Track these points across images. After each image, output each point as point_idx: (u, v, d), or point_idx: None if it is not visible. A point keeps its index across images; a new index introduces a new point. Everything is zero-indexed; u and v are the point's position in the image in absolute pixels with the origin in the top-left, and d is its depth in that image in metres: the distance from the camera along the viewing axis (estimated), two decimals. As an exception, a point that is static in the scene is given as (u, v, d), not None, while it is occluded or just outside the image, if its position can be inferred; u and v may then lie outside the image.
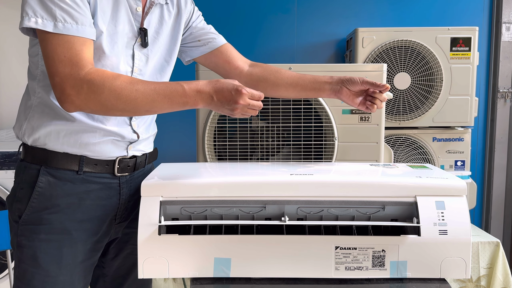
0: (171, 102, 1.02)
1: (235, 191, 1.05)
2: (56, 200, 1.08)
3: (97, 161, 1.12)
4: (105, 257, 1.24)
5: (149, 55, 1.16)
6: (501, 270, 1.87)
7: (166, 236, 1.01)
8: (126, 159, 1.17)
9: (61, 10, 0.97)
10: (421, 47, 2.06)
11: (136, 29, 1.12)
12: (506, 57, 2.56)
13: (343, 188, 1.05)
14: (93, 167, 1.12)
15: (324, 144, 1.53)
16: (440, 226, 1.01)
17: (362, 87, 1.22)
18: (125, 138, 1.15)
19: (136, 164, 1.19)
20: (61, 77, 0.98)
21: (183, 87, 1.03)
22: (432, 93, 2.09)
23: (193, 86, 1.03)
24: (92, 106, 1.01)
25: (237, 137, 1.53)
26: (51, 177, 1.09)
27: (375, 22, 2.53)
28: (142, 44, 1.14)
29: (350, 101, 1.25)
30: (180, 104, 1.03)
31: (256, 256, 1.02)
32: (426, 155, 2.13)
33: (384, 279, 1.04)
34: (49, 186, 1.09)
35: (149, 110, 1.04)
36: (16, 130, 1.14)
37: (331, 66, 1.56)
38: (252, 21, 2.52)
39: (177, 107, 1.04)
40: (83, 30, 1.00)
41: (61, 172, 1.09)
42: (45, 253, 1.08)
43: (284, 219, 1.02)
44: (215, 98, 1.03)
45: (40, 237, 1.07)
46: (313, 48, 2.57)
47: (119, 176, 1.16)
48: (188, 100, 1.02)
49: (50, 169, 1.09)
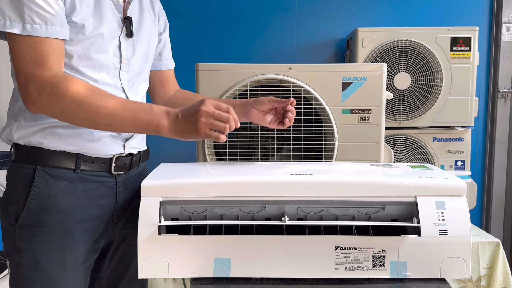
0: (135, 118, 1.00)
1: (235, 191, 1.05)
2: (55, 199, 1.07)
3: (94, 159, 1.11)
4: (102, 260, 1.24)
5: (136, 45, 1.16)
6: (501, 270, 1.87)
7: (166, 236, 1.01)
8: (122, 157, 1.16)
9: (30, 10, 0.96)
10: (421, 47, 2.06)
11: (120, 19, 1.12)
12: (506, 57, 2.56)
13: (343, 188, 1.05)
14: (90, 165, 1.11)
15: (324, 144, 1.53)
16: (440, 226, 1.01)
17: (269, 105, 1.24)
18: (121, 134, 1.15)
19: (132, 162, 1.19)
20: (26, 77, 0.97)
21: (151, 105, 1.03)
22: (432, 93, 2.09)
23: (161, 107, 1.03)
24: (52, 110, 0.99)
25: (237, 137, 1.53)
26: (48, 176, 1.07)
27: (375, 22, 2.53)
28: (127, 34, 1.13)
29: (260, 120, 1.26)
30: (144, 123, 1.01)
31: (256, 256, 1.02)
32: (426, 155, 2.13)
33: (384, 279, 1.04)
34: (46, 186, 1.06)
35: (110, 125, 1.01)
36: (6, 134, 1.11)
37: (331, 66, 1.55)
38: (252, 21, 2.52)
39: (140, 127, 1.02)
40: (53, 31, 0.98)
41: (58, 170, 1.07)
42: (47, 256, 1.05)
43: (284, 219, 1.02)
44: (179, 115, 1.02)
45: (40, 239, 1.05)
46: (313, 48, 2.57)
47: (115, 175, 1.16)
48: (153, 119, 1.01)
49: (46, 168, 1.07)
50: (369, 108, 1.52)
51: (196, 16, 2.47)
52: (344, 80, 1.52)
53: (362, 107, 1.52)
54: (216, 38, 2.49)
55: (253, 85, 1.50)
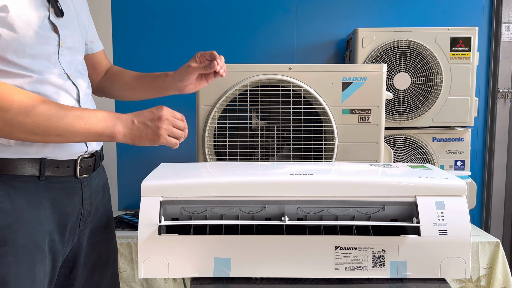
0: (88, 127, 0.97)
1: (235, 191, 1.05)
2: (21, 213, 0.96)
3: (58, 162, 1.03)
4: (72, 273, 1.16)
5: (69, 26, 1.07)
6: (501, 270, 1.87)
7: (166, 236, 1.01)
8: (86, 158, 1.11)
9: None
10: (421, 47, 2.06)
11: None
12: (506, 57, 2.56)
13: (343, 188, 1.05)
14: (54, 170, 1.02)
15: (324, 144, 1.53)
16: (440, 226, 1.01)
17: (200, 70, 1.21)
18: None
19: (95, 163, 1.15)
20: None
21: (103, 112, 1.01)
22: (432, 93, 2.09)
23: (111, 113, 1.01)
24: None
25: (237, 137, 1.53)
26: (10, 188, 0.96)
27: (375, 22, 2.53)
28: (56, 13, 1.02)
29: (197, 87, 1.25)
30: (98, 130, 0.98)
31: (256, 256, 1.02)
32: (426, 155, 2.13)
33: (384, 279, 1.04)
34: (9, 199, 0.95)
35: (61, 135, 0.95)
36: None
37: (331, 66, 1.56)
38: (252, 21, 2.52)
39: (94, 135, 0.99)
40: None
41: (20, 179, 0.97)
42: (17, 276, 0.95)
43: (284, 219, 1.02)
44: (135, 121, 1.01)
45: (8, 260, 0.94)
46: (313, 48, 2.57)
47: (80, 179, 1.10)
48: (107, 125, 0.99)
49: (6, 179, 0.95)
50: (369, 108, 1.52)
51: (196, 16, 2.47)
52: (344, 80, 1.52)
53: (362, 107, 1.52)
54: (216, 38, 2.49)
55: (253, 85, 1.51)
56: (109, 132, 0.99)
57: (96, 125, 0.98)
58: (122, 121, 1.01)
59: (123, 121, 1.01)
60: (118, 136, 1.01)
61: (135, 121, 1.02)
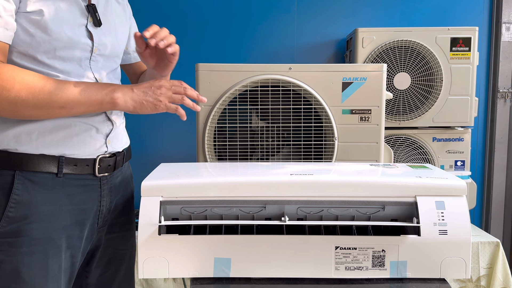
0: (88, 95, 0.99)
1: (235, 191, 1.05)
2: (37, 207, 1.01)
3: (76, 160, 1.06)
4: (88, 265, 1.20)
5: (106, 35, 1.11)
6: (501, 270, 1.87)
7: (166, 236, 1.01)
8: (106, 158, 1.12)
9: None
10: (421, 47, 2.06)
11: (83, 7, 1.06)
12: (506, 57, 2.56)
13: (343, 188, 1.05)
14: (73, 168, 1.06)
15: (324, 144, 1.53)
16: (440, 226, 1.01)
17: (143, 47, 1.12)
18: (100, 128, 1.11)
19: (116, 162, 1.16)
20: None
21: (98, 83, 1.04)
22: (432, 93, 2.09)
23: (110, 83, 1.05)
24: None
25: (237, 137, 1.53)
26: (29, 182, 1.00)
27: (375, 22, 2.53)
28: (95, 23, 1.08)
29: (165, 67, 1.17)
30: (98, 97, 1.00)
31: (256, 256, 1.02)
32: (426, 155, 2.13)
33: (384, 279, 1.04)
34: (27, 193, 1.00)
35: (64, 107, 0.98)
36: None
37: (331, 66, 1.55)
38: (252, 21, 2.52)
39: (95, 103, 1.00)
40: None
41: (39, 175, 1.01)
42: (29, 267, 0.99)
43: (284, 219, 1.02)
44: (134, 89, 1.03)
45: (22, 250, 0.99)
46: (313, 48, 2.57)
47: (99, 177, 1.12)
48: (106, 92, 1.00)
49: (26, 173, 1.00)
50: (369, 108, 1.52)
51: (196, 16, 2.47)
52: (344, 80, 1.52)
53: (362, 107, 1.52)
54: (215, 38, 2.49)
55: (253, 85, 1.51)
56: (109, 98, 1.01)
57: (95, 92, 1.00)
58: (120, 88, 1.03)
59: (121, 88, 1.03)
60: (118, 102, 1.02)
61: (134, 89, 1.03)
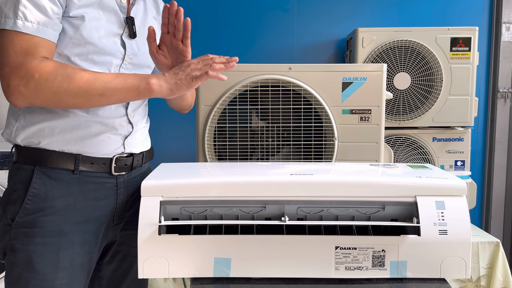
0: (125, 83, 1.03)
1: (235, 191, 1.05)
2: (52, 201, 1.07)
3: (93, 159, 1.11)
4: (102, 260, 1.23)
5: (139, 47, 1.16)
6: (501, 270, 1.87)
7: (166, 236, 1.01)
8: (123, 157, 1.15)
9: (24, 8, 0.97)
10: (421, 47, 2.06)
11: (122, 18, 1.12)
12: (506, 57, 2.56)
13: (343, 188, 1.05)
14: (89, 166, 1.10)
15: (324, 144, 1.53)
16: (440, 226, 1.01)
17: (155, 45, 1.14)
18: (119, 130, 1.14)
19: (133, 163, 1.18)
20: (11, 67, 0.97)
21: (133, 73, 1.08)
22: (432, 93, 2.09)
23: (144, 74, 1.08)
24: (42, 96, 0.99)
25: (237, 137, 1.53)
26: (46, 177, 1.07)
27: (375, 22, 2.53)
28: (130, 35, 1.13)
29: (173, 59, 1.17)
30: (135, 84, 1.03)
31: (256, 256, 1.02)
32: (426, 155, 2.13)
33: (384, 279, 1.04)
34: (44, 187, 1.06)
35: (103, 94, 1.02)
36: (7, 134, 1.12)
37: (331, 66, 1.56)
38: (252, 21, 2.52)
39: (132, 90, 1.04)
40: (44, 32, 0.99)
41: (56, 171, 1.07)
42: (41, 257, 1.05)
43: (284, 219, 1.02)
44: (166, 74, 1.06)
45: (35, 240, 1.05)
46: (313, 48, 2.57)
47: (116, 176, 1.15)
48: (141, 78, 1.04)
49: (45, 169, 1.07)
50: (369, 108, 1.52)
51: (196, 17, 2.47)
52: (344, 80, 1.52)
53: (362, 107, 1.52)
54: (215, 38, 2.49)
55: (253, 85, 1.51)
56: (144, 84, 1.04)
57: (131, 79, 1.04)
58: (154, 75, 1.06)
59: (155, 75, 1.06)
60: (154, 87, 1.04)
61: (166, 74, 1.07)
